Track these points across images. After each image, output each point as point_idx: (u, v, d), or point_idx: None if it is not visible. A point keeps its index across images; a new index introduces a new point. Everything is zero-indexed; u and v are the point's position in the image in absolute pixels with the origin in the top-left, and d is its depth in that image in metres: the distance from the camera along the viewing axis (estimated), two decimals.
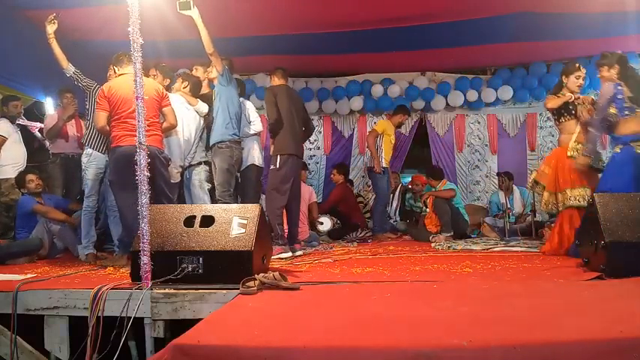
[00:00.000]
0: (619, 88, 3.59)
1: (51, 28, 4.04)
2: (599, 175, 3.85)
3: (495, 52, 6.69)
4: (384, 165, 6.07)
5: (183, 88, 4.49)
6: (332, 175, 6.85)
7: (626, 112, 3.60)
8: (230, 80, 4.34)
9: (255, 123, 4.82)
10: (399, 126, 6.45)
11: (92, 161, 4.12)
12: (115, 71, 3.97)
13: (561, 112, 4.10)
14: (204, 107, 4.50)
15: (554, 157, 4.23)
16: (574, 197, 3.93)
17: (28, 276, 3.26)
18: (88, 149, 4.15)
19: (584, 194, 3.87)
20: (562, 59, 7.14)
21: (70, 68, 4.15)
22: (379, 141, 6.10)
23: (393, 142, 6.28)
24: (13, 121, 5.12)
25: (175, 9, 3.91)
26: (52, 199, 4.84)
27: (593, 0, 4.91)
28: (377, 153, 6.07)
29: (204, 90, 4.71)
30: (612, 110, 3.65)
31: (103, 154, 4.10)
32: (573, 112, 4.04)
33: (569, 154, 4.00)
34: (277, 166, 4.33)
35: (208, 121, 4.51)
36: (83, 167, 4.19)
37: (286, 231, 4.43)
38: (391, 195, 7.45)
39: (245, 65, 6.65)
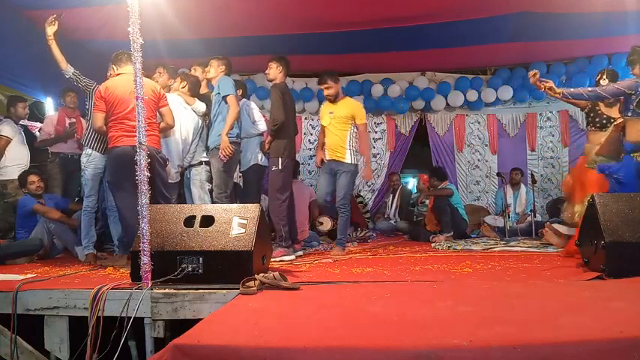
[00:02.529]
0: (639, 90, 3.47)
1: (50, 30, 4.03)
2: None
3: (495, 52, 6.69)
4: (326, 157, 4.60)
5: (182, 87, 4.48)
6: None
7: (629, 114, 3.56)
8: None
9: (259, 123, 4.78)
10: (331, 100, 4.58)
11: (91, 161, 4.12)
12: (114, 70, 3.96)
13: (588, 121, 4.08)
14: (201, 106, 4.48)
15: (577, 166, 4.24)
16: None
17: (28, 276, 3.26)
18: (88, 149, 4.15)
19: None
20: (562, 59, 7.15)
21: (69, 69, 4.14)
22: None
23: (327, 123, 4.57)
24: (16, 122, 5.13)
25: (175, 8, 3.88)
26: (52, 199, 4.84)
27: (594, 0, 4.91)
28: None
29: (203, 90, 4.70)
30: (615, 105, 3.62)
31: (103, 154, 4.10)
32: (598, 124, 3.99)
33: (586, 165, 3.96)
34: (280, 168, 4.27)
35: (208, 120, 4.50)
36: (82, 167, 4.18)
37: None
38: (391, 195, 7.47)
39: (245, 65, 6.65)
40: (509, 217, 6.00)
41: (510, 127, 7.75)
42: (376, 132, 7.95)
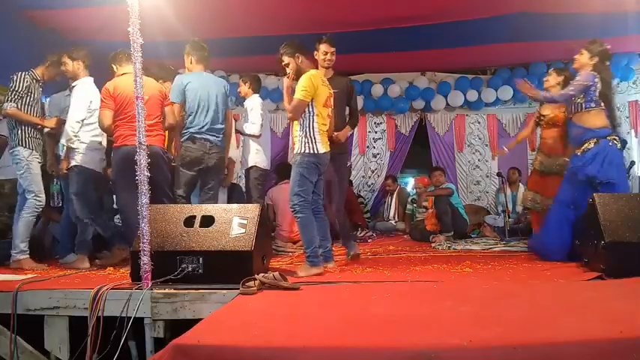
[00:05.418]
0: (595, 80, 3.57)
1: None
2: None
3: (495, 52, 6.68)
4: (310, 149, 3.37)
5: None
6: None
7: (592, 105, 3.60)
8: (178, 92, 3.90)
9: (254, 124, 4.52)
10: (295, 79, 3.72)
11: (35, 154, 4.01)
12: (114, 69, 3.94)
13: (538, 122, 4.55)
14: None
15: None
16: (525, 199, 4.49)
17: (28, 276, 3.26)
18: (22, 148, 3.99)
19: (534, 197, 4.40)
20: (562, 59, 7.13)
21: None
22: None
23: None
24: None
25: (175, 9, 3.83)
26: None
27: (593, 0, 4.91)
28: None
29: None
30: (579, 99, 3.66)
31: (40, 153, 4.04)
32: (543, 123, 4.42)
33: (537, 168, 4.48)
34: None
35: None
36: (25, 162, 3.94)
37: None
38: (389, 197, 7.45)
39: (245, 65, 6.65)
40: (509, 217, 6.00)
41: (510, 127, 7.75)
42: (376, 132, 7.95)
